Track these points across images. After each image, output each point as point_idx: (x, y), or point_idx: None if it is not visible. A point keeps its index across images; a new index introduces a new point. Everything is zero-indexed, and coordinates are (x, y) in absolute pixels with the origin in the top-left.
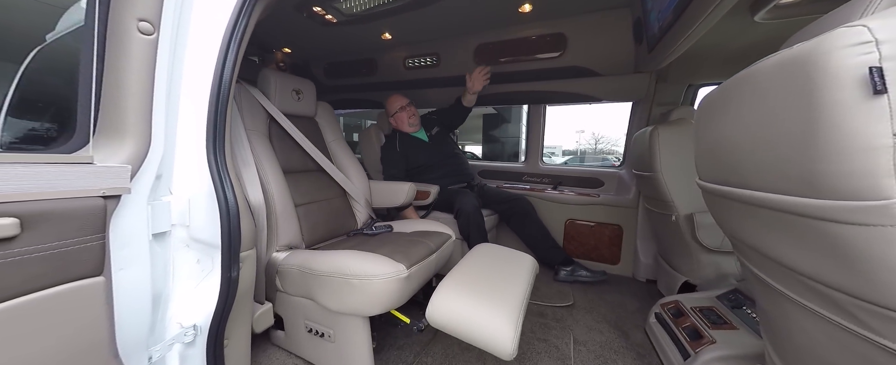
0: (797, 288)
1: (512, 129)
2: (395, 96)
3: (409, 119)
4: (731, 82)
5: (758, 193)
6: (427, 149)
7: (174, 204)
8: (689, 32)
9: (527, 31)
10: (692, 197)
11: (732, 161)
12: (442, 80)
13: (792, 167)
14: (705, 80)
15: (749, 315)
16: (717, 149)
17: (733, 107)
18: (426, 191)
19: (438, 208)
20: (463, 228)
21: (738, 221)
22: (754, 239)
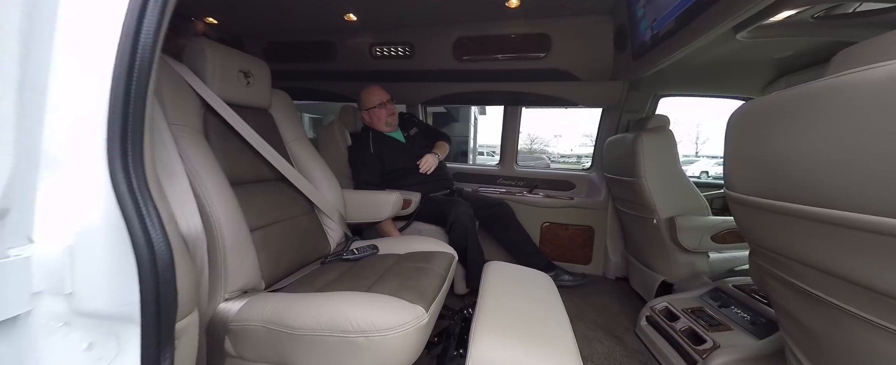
0: (885, 313)
1: (459, 129)
2: (374, 89)
3: (387, 118)
4: (801, 92)
5: (855, 216)
6: (405, 151)
7: (38, 259)
8: (691, 42)
9: (511, 27)
10: (672, 201)
11: (806, 177)
12: (416, 74)
13: None
14: (670, 91)
15: (738, 314)
16: (777, 162)
17: (810, 120)
18: (408, 199)
19: (420, 218)
20: (457, 241)
21: (792, 237)
22: (820, 258)
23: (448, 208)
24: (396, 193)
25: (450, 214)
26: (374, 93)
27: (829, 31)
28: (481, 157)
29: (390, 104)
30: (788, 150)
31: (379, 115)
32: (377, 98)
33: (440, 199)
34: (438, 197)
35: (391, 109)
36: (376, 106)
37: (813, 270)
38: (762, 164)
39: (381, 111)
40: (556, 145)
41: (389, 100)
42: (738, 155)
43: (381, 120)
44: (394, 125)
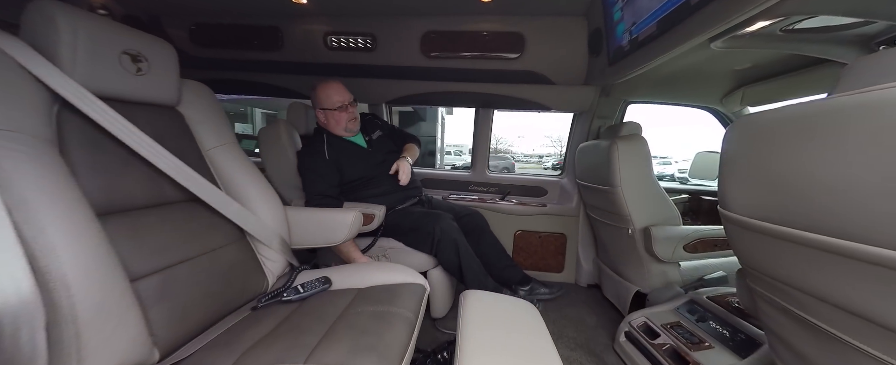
0: None
1: (427, 128)
2: (334, 86)
3: (349, 123)
4: (827, 107)
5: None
6: (366, 158)
7: None
8: (673, 49)
9: (484, 24)
10: (646, 211)
11: (833, 205)
12: (378, 70)
13: None
14: (638, 98)
15: (717, 330)
16: (794, 185)
17: (839, 141)
18: (370, 214)
19: (389, 234)
20: (448, 260)
21: (800, 267)
22: (835, 293)
23: (430, 225)
24: (354, 211)
25: (434, 231)
26: (335, 91)
27: (792, 44)
28: (449, 156)
29: (353, 106)
30: (811, 173)
31: (339, 118)
32: (338, 98)
33: (416, 214)
34: (414, 212)
35: (353, 113)
36: (337, 108)
37: (822, 302)
38: (771, 185)
39: (342, 115)
40: (519, 145)
41: (352, 101)
42: (740, 173)
43: (341, 124)
44: (355, 131)
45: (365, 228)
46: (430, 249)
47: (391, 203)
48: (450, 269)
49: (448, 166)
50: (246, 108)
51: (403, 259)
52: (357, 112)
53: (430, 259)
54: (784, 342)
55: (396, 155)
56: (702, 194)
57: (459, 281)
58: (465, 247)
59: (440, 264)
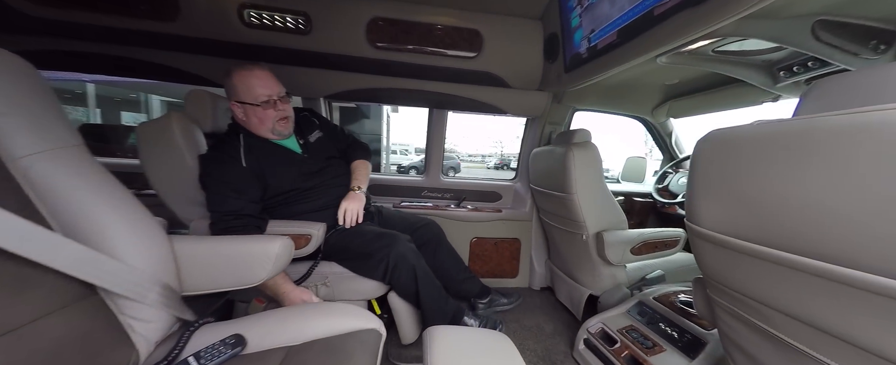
0: None
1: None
2: (258, 73)
3: (278, 123)
4: (805, 127)
5: (872, 277)
6: (300, 165)
7: None
8: (632, 59)
9: (439, 17)
10: (599, 217)
11: (816, 227)
12: (313, 57)
13: None
14: (584, 106)
15: (666, 331)
16: (772, 204)
17: (830, 159)
18: (305, 234)
19: (331, 257)
20: (405, 288)
21: (779, 288)
22: (818, 316)
23: (383, 251)
24: (282, 238)
25: (388, 258)
26: (260, 81)
27: (717, 64)
28: (394, 155)
29: (284, 103)
30: (789, 192)
31: (263, 116)
32: (263, 90)
33: (367, 234)
34: (364, 232)
35: (285, 111)
36: (262, 103)
37: (787, 317)
38: (743, 202)
39: (269, 111)
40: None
41: (284, 96)
42: (711, 187)
43: (266, 124)
44: (286, 133)
45: (298, 253)
46: (382, 276)
47: (334, 220)
48: (405, 296)
49: (394, 166)
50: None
51: (349, 286)
52: (290, 110)
53: (382, 284)
54: (741, 350)
55: (339, 162)
56: (634, 196)
57: (415, 306)
58: (424, 271)
59: (397, 292)
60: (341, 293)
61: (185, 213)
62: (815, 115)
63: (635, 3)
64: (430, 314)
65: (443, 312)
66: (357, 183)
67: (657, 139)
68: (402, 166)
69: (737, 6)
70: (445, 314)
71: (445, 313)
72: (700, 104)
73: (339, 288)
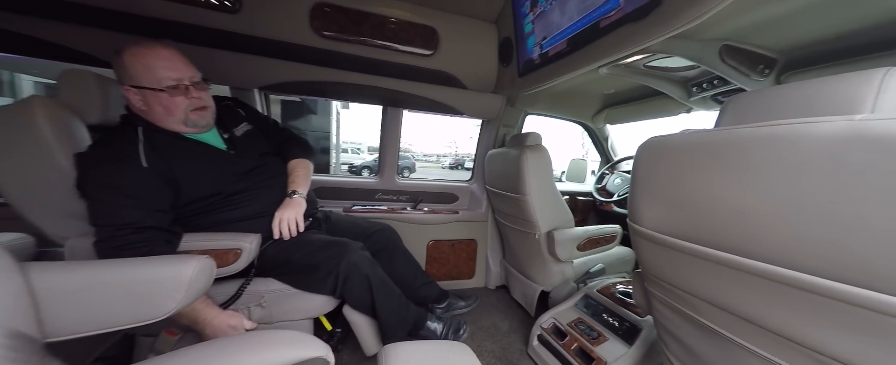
0: (796, 358)
1: (318, 123)
2: (162, 52)
3: (192, 112)
4: (737, 137)
5: (795, 274)
6: (225, 165)
7: None
8: (581, 67)
9: (393, 9)
10: (549, 216)
11: (734, 225)
12: (245, 41)
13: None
14: (535, 111)
15: (608, 321)
16: (702, 204)
17: (744, 165)
18: (233, 249)
19: (268, 273)
20: (360, 300)
21: (702, 281)
22: (734, 303)
23: (332, 262)
24: (199, 258)
25: (338, 269)
26: (164, 61)
27: (646, 77)
28: (346, 154)
29: (199, 89)
30: (716, 194)
31: (173, 104)
32: (170, 72)
33: (313, 243)
34: (310, 241)
35: (201, 99)
36: (167, 88)
37: (715, 308)
38: (678, 204)
39: (178, 99)
40: (418, 145)
41: (198, 81)
42: (650, 191)
43: (175, 113)
44: (205, 125)
45: (225, 271)
46: (332, 290)
47: (270, 229)
48: (360, 308)
49: (345, 165)
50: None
51: (292, 305)
52: (208, 98)
53: (332, 298)
54: (673, 335)
55: (277, 160)
56: (577, 195)
57: (371, 317)
58: (380, 279)
59: (351, 305)
60: (282, 313)
61: (56, 228)
62: (733, 126)
63: (584, 14)
64: (390, 326)
65: (403, 322)
66: (294, 187)
67: (596, 143)
68: (354, 166)
69: (666, 27)
70: (406, 323)
71: (406, 322)
72: (631, 112)
73: (279, 308)
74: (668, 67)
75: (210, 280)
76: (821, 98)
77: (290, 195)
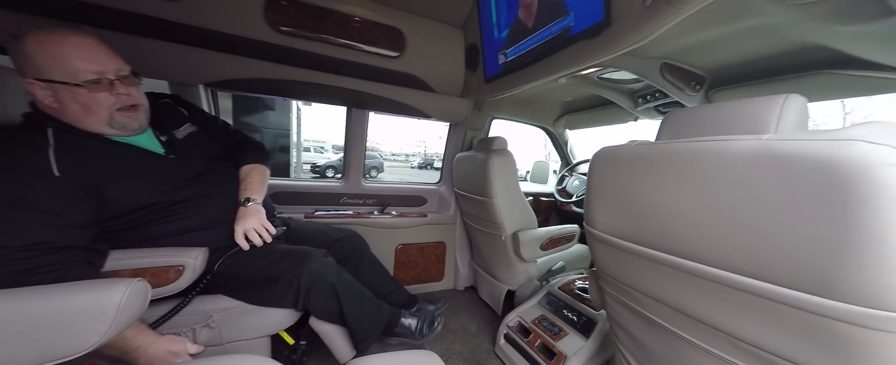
0: (722, 345)
1: (277, 120)
2: (77, 40)
3: (120, 113)
4: (667, 150)
5: (717, 272)
6: (164, 172)
7: None
8: (543, 77)
9: (355, 6)
10: (514, 218)
11: (670, 228)
12: (187, 32)
13: (799, 264)
14: (501, 115)
15: (568, 316)
16: (645, 210)
17: (678, 176)
18: (174, 266)
19: (212, 291)
20: (326, 310)
21: (647, 279)
22: (671, 298)
23: (292, 274)
24: (129, 282)
25: (299, 280)
26: (81, 49)
27: (599, 88)
28: (308, 153)
29: (129, 84)
30: (655, 201)
31: (93, 102)
32: (88, 63)
33: (267, 254)
34: (267, 251)
35: (130, 95)
36: (86, 83)
37: (658, 303)
38: (627, 210)
39: (100, 95)
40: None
41: (125, 76)
42: (604, 197)
43: (97, 111)
44: (135, 127)
45: (164, 291)
46: (293, 303)
47: (219, 241)
48: (329, 318)
49: (307, 165)
50: None
51: (245, 323)
52: (140, 95)
53: (294, 312)
54: (623, 329)
55: (228, 165)
56: (540, 196)
57: (341, 325)
58: (346, 284)
59: (318, 316)
60: (234, 333)
61: None
62: (669, 140)
63: (543, 28)
64: (362, 330)
65: (376, 323)
66: (247, 194)
67: (557, 146)
68: (317, 166)
69: (615, 46)
70: (379, 323)
71: (379, 323)
72: (587, 119)
73: (231, 327)
74: (618, 80)
75: (144, 305)
76: (737, 117)
77: (244, 203)
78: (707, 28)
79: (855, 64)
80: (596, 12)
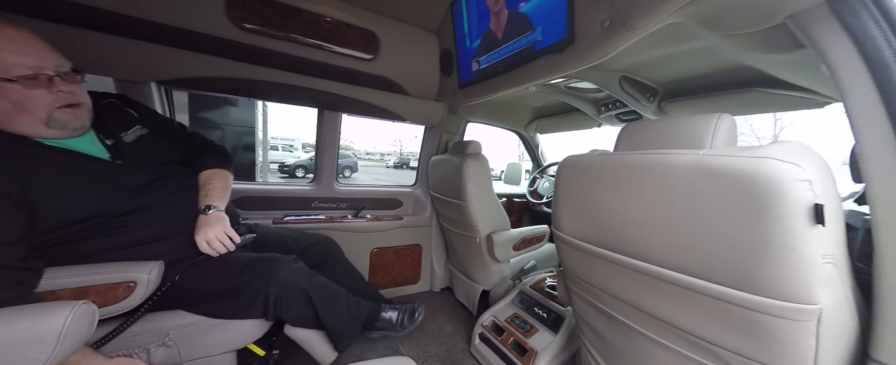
0: (670, 337)
1: (240, 116)
2: (6, 30)
3: (60, 110)
4: (622, 161)
5: (663, 271)
6: (111, 177)
7: None
8: (514, 87)
9: (327, 7)
10: (489, 220)
11: (625, 232)
12: (132, 24)
13: (728, 263)
14: (475, 119)
15: (539, 314)
16: (604, 216)
17: (631, 185)
18: (124, 282)
19: (170, 306)
20: (300, 317)
21: (607, 278)
22: (628, 295)
23: (257, 282)
24: (71, 306)
25: (266, 289)
26: (11, 41)
27: (566, 96)
28: (275, 152)
29: (70, 81)
30: (613, 208)
31: (27, 100)
32: (22, 57)
33: (230, 264)
34: (227, 261)
35: (72, 94)
36: (19, 78)
37: (617, 300)
38: (589, 215)
39: (36, 93)
40: (360, 143)
41: (66, 72)
42: (569, 203)
43: (32, 111)
44: (78, 126)
45: (113, 310)
46: (263, 312)
47: (176, 253)
48: (304, 324)
49: (274, 165)
50: None
51: (209, 339)
52: (82, 93)
53: (263, 321)
54: (587, 324)
55: (184, 170)
56: (513, 197)
57: (318, 329)
58: (319, 287)
59: (294, 324)
60: (195, 350)
61: None
62: (625, 152)
63: (513, 40)
64: (341, 331)
65: (355, 322)
66: (208, 201)
67: (529, 149)
68: (285, 165)
69: (579, 61)
70: (358, 322)
71: (358, 319)
72: (556, 124)
73: (192, 344)
74: (583, 89)
75: (90, 330)
76: (681, 132)
77: (205, 211)
78: (658, 48)
79: (778, 84)
80: (560, 30)
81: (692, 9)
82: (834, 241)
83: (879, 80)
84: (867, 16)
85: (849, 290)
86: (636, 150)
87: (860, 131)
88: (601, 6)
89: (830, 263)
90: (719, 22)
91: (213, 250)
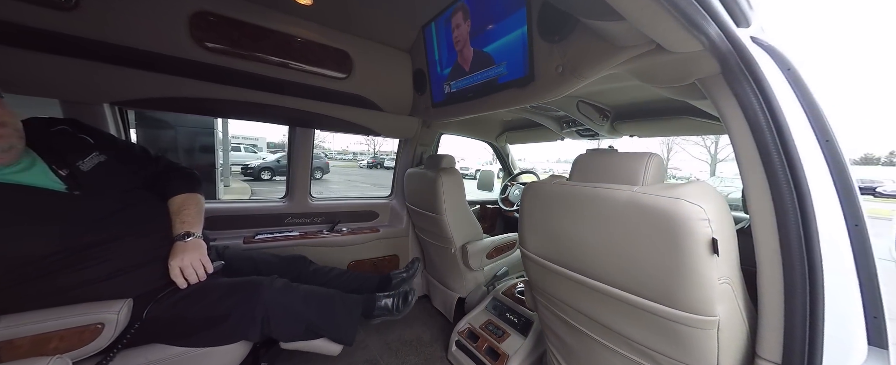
0: (617, 342)
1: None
2: None
3: None
4: (574, 191)
5: (608, 287)
6: (65, 211)
7: None
8: (485, 110)
9: (302, 29)
10: (464, 231)
11: (579, 253)
12: (79, 45)
13: (654, 282)
14: (449, 132)
15: (510, 319)
16: (562, 238)
17: (582, 212)
18: (91, 324)
19: (147, 340)
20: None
21: (566, 292)
22: (583, 307)
23: (243, 305)
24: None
25: (253, 311)
26: None
27: (532, 114)
28: (237, 153)
29: None
30: (568, 231)
31: None
32: None
33: (210, 291)
34: (206, 288)
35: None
36: None
37: (574, 310)
38: (549, 235)
39: None
40: (332, 142)
41: None
42: (533, 224)
43: None
44: (4, 146)
45: (82, 354)
46: (253, 335)
47: (145, 286)
48: (298, 338)
49: (238, 167)
50: None
51: None
52: (13, 119)
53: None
54: (551, 330)
55: (147, 196)
56: (486, 203)
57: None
58: (305, 297)
59: (282, 340)
60: None
61: None
62: (578, 182)
63: (481, 70)
64: (338, 329)
65: (352, 319)
66: (186, 228)
67: (500, 158)
68: (249, 167)
69: (539, 96)
70: (355, 318)
71: (355, 317)
72: (525, 136)
73: None
74: (546, 108)
75: None
76: (620, 166)
77: (183, 238)
78: (609, 82)
79: (704, 114)
80: (521, 69)
81: (627, 66)
82: (728, 263)
83: (753, 128)
84: (747, 85)
85: (742, 301)
86: (587, 179)
87: (743, 168)
88: (555, 54)
89: (726, 284)
90: (650, 77)
91: (182, 280)
